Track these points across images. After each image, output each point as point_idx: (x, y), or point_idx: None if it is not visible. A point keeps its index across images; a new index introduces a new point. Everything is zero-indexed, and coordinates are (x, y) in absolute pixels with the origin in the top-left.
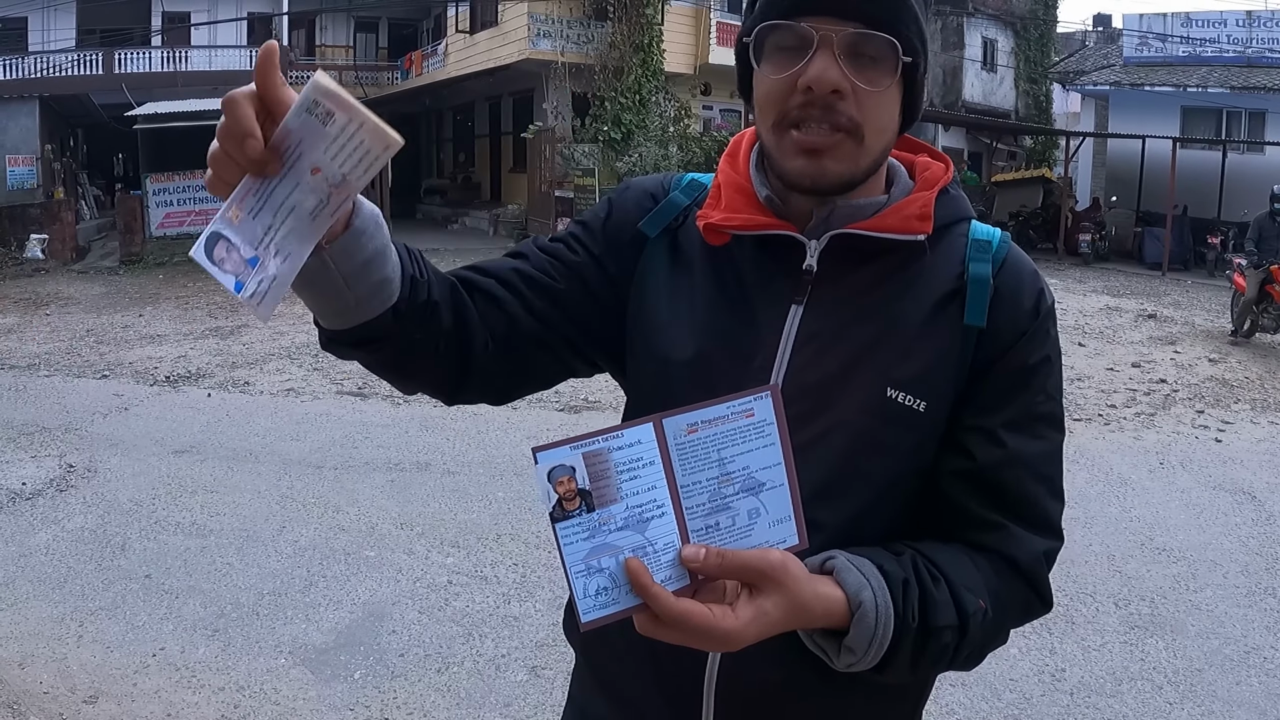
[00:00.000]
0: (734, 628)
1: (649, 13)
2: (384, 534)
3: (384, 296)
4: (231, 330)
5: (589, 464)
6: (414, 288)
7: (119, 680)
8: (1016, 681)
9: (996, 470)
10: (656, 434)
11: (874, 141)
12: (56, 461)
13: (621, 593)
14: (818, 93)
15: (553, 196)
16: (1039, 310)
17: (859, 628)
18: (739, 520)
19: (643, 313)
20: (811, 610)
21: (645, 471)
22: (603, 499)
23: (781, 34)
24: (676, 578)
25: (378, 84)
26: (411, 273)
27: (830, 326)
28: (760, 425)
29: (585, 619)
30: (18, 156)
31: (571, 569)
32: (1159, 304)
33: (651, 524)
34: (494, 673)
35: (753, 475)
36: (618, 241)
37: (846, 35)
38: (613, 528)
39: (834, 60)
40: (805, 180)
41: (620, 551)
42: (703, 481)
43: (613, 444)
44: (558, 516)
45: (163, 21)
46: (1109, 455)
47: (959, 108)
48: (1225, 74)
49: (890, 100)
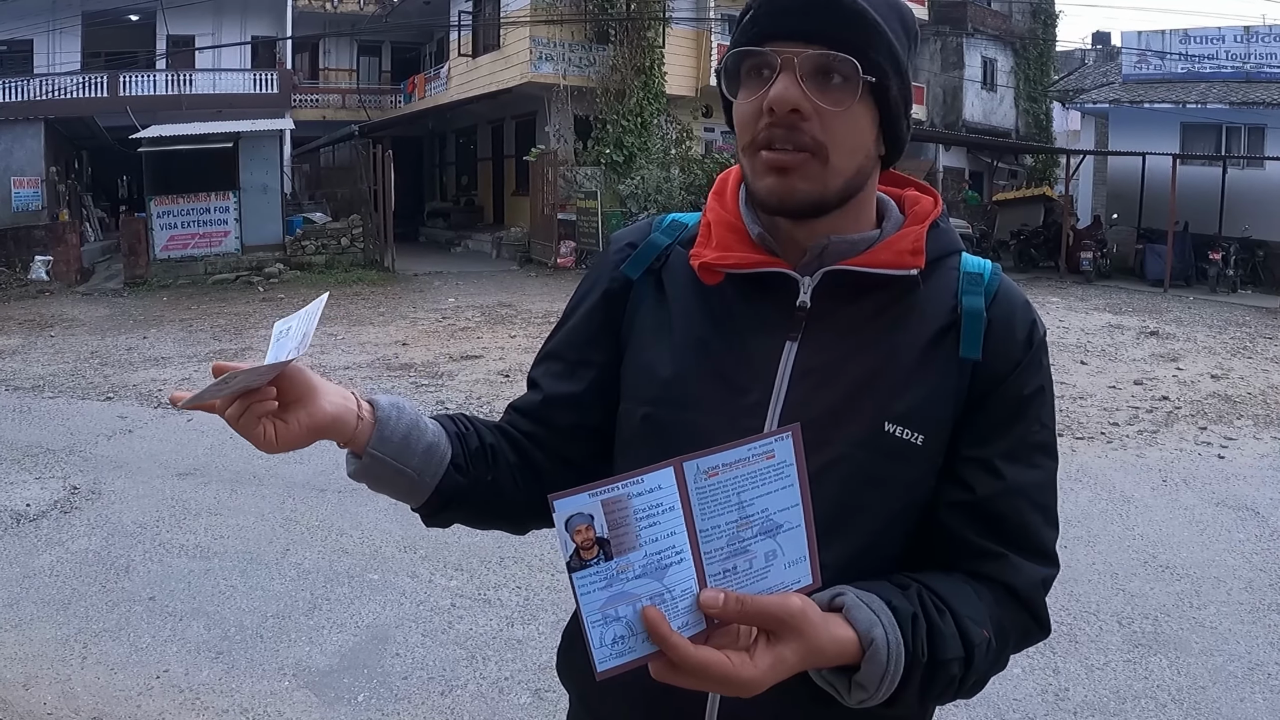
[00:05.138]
0: (753, 676)
1: (650, 36)
2: (387, 557)
3: (438, 459)
4: (235, 353)
5: (608, 511)
6: (463, 440)
7: (123, 702)
8: (1020, 701)
9: (995, 501)
10: (677, 478)
11: (841, 162)
12: (60, 483)
13: (638, 641)
14: (779, 113)
15: (555, 219)
16: (1032, 341)
17: (871, 665)
18: (756, 563)
19: (633, 353)
20: (826, 652)
21: (665, 517)
22: (621, 547)
23: (751, 60)
24: (693, 623)
25: (380, 107)
26: (456, 430)
27: (826, 362)
28: (780, 467)
29: (601, 668)
30: (23, 178)
31: (588, 618)
32: (1161, 321)
33: (670, 570)
34: (497, 696)
35: (771, 517)
36: (610, 293)
37: (808, 57)
38: (631, 575)
39: (795, 81)
40: (773, 199)
41: (638, 600)
42: (722, 525)
43: (632, 490)
44: (575, 566)
45: (167, 45)
46: (1111, 473)
47: (960, 127)
48: (1224, 90)
49: (857, 121)
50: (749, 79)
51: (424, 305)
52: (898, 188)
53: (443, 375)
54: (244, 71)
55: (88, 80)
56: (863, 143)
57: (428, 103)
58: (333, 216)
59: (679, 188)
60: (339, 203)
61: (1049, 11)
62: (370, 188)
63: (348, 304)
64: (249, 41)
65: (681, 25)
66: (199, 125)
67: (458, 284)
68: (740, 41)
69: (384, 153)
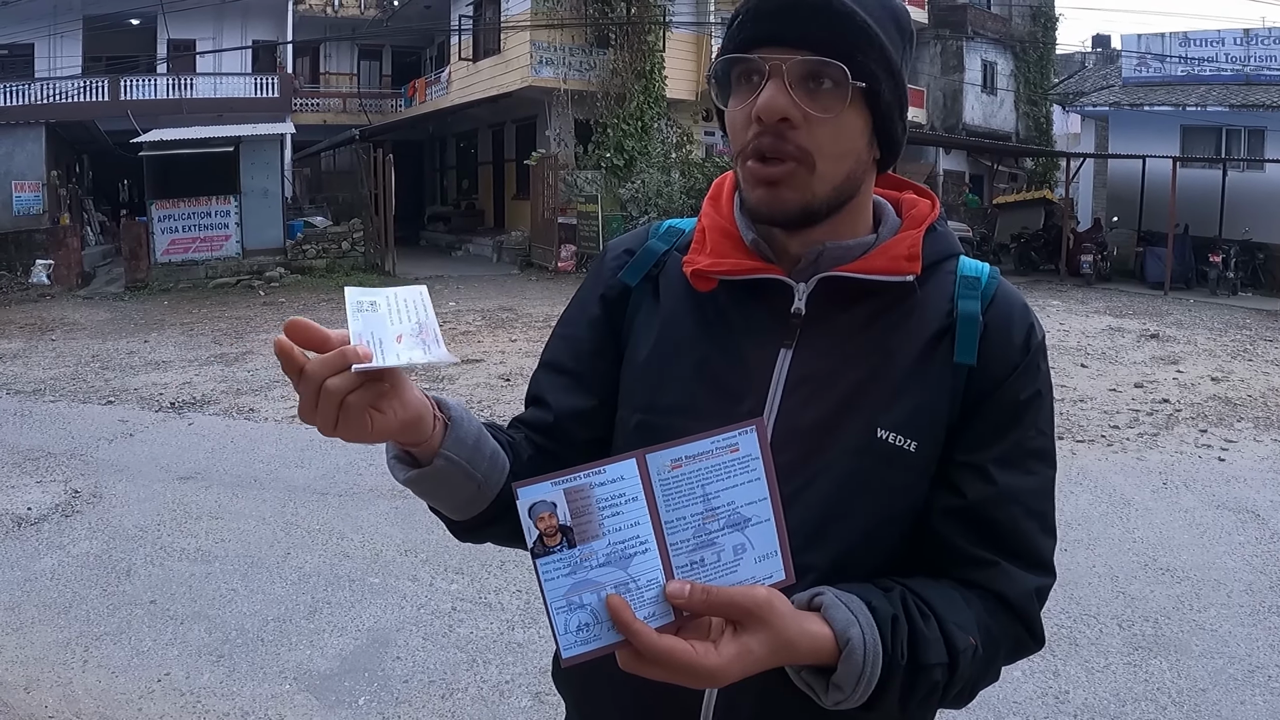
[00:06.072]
0: (717, 665)
1: (650, 40)
2: (388, 560)
3: (500, 466)
4: (236, 357)
5: (570, 500)
6: (514, 449)
7: (124, 705)
8: (1020, 704)
9: (988, 507)
10: (640, 469)
11: (829, 169)
12: (62, 487)
13: (603, 629)
14: (766, 121)
15: (556, 223)
16: (1029, 345)
17: (846, 665)
18: (724, 556)
19: (630, 360)
20: (798, 647)
21: (628, 507)
22: (584, 535)
23: (740, 67)
24: (660, 614)
25: (381, 111)
26: (507, 439)
27: (821, 369)
28: (745, 460)
29: (566, 654)
30: (24, 182)
31: (552, 605)
32: (1161, 323)
33: (634, 560)
34: (498, 699)
35: (738, 510)
36: (608, 301)
37: (795, 64)
38: (594, 564)
39: (783, 89)
40: (763, 209)
41: (602, 588)
42: (687, 517)
43: (594, 479)
44: (538, 552)
45: (168, 49)
46: (1112, 476)
47: (960, 130)
48: (1224, 92)
49: (846, 127)
50: (739, 85)
51: None
52: (895, 190)
53: (443, 379)
54: (245, 76)
55: (89, 84)
56: (852, 148)
57: (428, 107)
58: (333, 220)
59: (679, 191)
60: (340, 207)
61: (1049, 14)
62: (371, 192)
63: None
64: (250, 46)
65: (681, 29)
66: (200, 129)
67: (458, 288)
68: (728, 48)
69: (384, 157)
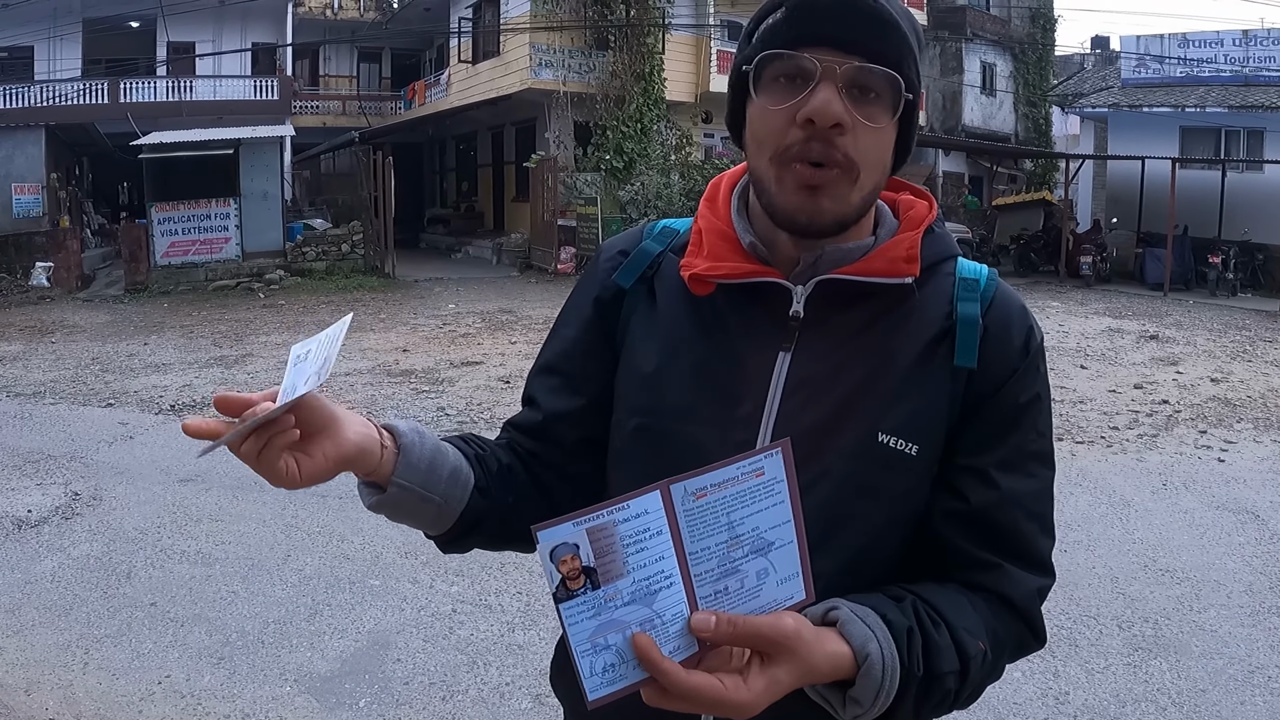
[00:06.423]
0: (748, 700)
1: (650, 42)
2: (388, 562)
3: (462, 483)
4: (236, 359)
5: (593, 540)
6: (483, 463)
7: (124, 707)
8: (1020, 705)
9: (990, 511)
10: (664, 501)
11: (867, 179)
12: (62, 489)
13: (629, 668)
14: (819, 125)
15: (555, 225)
16: (1029, 348)
17: (865, 680)
18: (747, 583)
19: (626, 363)
20: (820, 670)
21: (652, 542)
22: (608, 575)
23: (783, 64)
24: (684, 647)
25: (381, 114)
26: (474, 452)
27: (820, 373)
28: (770, 484)
29: (592, 696)
30: (23, 185)
31: (577, 649)
32: (1161, 325)
33: (659, 595)
34: (498, 701)
35: (762, 536)
36: (602, 302)
37: (850, 69)
38: (619, 603)
39: (836, 93)
40: (801, 217)
41: (627, 627)
42: (711, 547)
43: (618, 516)
44: (561, 597)
45: (168, 52)
46: (1111, 477)
47: (959, 132)
48: (1223, 93)
49: (887, 138)
50: (776, 84)
51: (424, 311)
52: (892, 192)
53: (443, 381)
54: (244, 78)
55: (88, 87)
56: (886, 159)
57: (428, 109)
58: (333, 223)
59: (679, 193)
60: (339, 209)
61: (1048, 16)
62: (370, 194)
63: (348, 310)
64: (249, 48)
65: (681, 31)
66: (199, 132)
67: (458, 290)
68: (772, 43)
69: (384, 159)
